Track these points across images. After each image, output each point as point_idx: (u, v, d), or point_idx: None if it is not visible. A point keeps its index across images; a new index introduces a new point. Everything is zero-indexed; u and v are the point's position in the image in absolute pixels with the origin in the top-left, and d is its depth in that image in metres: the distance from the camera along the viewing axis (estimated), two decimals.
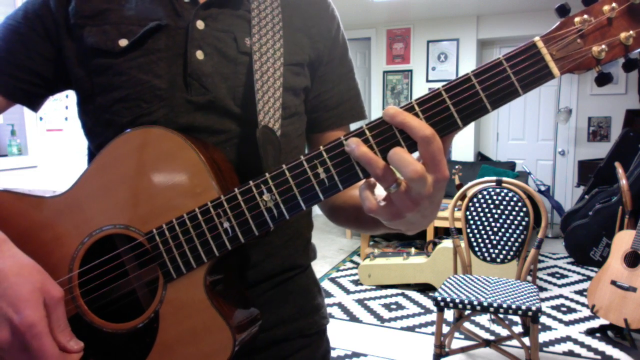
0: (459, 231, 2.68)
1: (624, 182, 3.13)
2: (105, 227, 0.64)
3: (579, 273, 4.16)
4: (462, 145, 5.79)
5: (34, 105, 0.75)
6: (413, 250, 3.94)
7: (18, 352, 0.55)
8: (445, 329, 2.80)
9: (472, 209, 2.68)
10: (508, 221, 2.60)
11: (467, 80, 0.52)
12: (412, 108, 0.53)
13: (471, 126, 5.64)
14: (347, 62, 0.83)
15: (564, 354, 2.78)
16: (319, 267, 4.41)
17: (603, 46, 0.51)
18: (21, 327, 0.53)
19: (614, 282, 2.76)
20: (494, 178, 2.65)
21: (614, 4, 0.51)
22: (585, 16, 0.51)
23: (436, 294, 2.38)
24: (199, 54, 0.68)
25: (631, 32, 0.51)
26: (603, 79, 0.52)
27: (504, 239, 2.60)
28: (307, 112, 0.81)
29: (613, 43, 0.51)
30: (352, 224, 0.78)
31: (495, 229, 2.62)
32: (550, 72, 0.51)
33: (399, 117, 0.51)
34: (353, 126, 0.85)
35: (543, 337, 2.97)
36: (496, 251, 2.61)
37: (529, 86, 0.52)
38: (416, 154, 0.53)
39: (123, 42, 0.68)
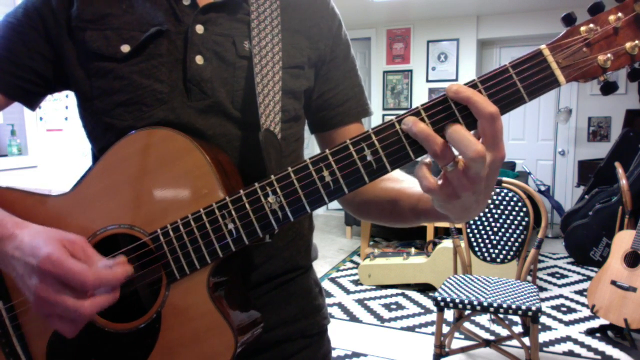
0: (459, 231, 2.68)
1: (624, 182, 3.13)
2: (110, 226, 0.64)
3: (579, 273, 4.16)
4: None
5: (32, 103, 0.75)
6: (413, 250, 3.94)
7: (60, 295, 0.55)
8: (445, 329, 2.80)
9: None
10: (508, 221, 2.60)
11: (473, 87, 0.53)
12: (417, 112, 0.53)
13: None
14: (350, 60, 0.83)
15: (564, 354, 2.79)
16: (319, 267, 4.41)
17: (609, 55, 0.51)
18: (42, 264, 0.54)
19: (614, 282, 2.76)
20: None
21: (619, 14, 0.51)
22: (591, 25, 0.51)
23: (436, 294, 2.38)
24: (199, 59, 0.69)
25: (637, 42, 0.51)
26: (608, 88, 0.52)
27: (504, 239, 2.60)
28: (313, 112, 0.81)
29: (619, 52, 0.51)
30: (385, 217, 0.77)
31: (495, 229, 2.62)
32: (556, 80, 0.52)
33: (464, 93, 0.51)
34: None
35: (543, 337, 2.97)
36: (496, 251, 2.62)
37: (535, 93, 0.52)
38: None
39: (125, 48, 0.68)
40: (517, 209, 2.59)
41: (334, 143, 0.57)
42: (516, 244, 2.58)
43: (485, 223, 2.65)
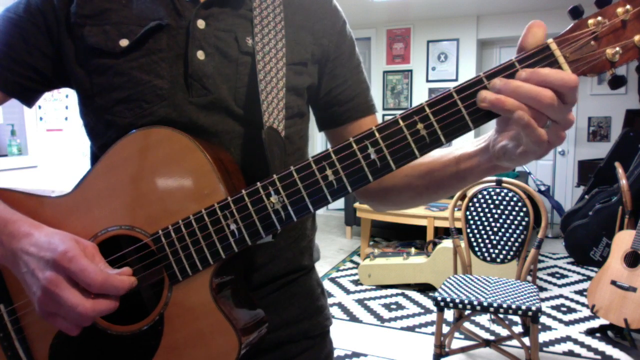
0: (459, 231, 2.68)
1: (624, 182, 3.13)
2: (111, 227, 0.64)
3: (579, 273, 4.16)
4: None
5: (30, 100, 0.75)
6: (413, 250, 3.94)
7: (67, 291, 0.56)
8: (445, 329, 2.80)
9: (472, 209, 2.68)
10: (508, 221, 2.60)
11: (479, 82, 0.52)
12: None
13: None
14: (355, 57, 0.82)
15: (564, 354, 2.79)
16: (319, 267, 4.41)
17: (617, 49, 0.50)
18: (58, 258, 0.56)
19: (614, 282, 2.76)
20: (494, 178, 2.65)
21: (628, 7, 0.50)
22: (599, 18, 0.50)
23: (436, 294, 2.37)
24: (200, 54, 0.68)
25: None
26: (617, 82, 0.51)
27: (504, 239, 2.60)
28: (322, 109, 0.81)
29: (627, 46, 0.50)
30: (420, 195, 0.74)
31: (495, 229, 2.62)
32: None
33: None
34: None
35: (543, 337, 2.97)
36: (496, 251, 2.61)
37: None
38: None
39: (124, 42, 0.67)
40: (517, 209, 2.59)
41: (346, 139, 0.57)
42: (516, 244, 2.58)
43: (485, 223, 2.65)
